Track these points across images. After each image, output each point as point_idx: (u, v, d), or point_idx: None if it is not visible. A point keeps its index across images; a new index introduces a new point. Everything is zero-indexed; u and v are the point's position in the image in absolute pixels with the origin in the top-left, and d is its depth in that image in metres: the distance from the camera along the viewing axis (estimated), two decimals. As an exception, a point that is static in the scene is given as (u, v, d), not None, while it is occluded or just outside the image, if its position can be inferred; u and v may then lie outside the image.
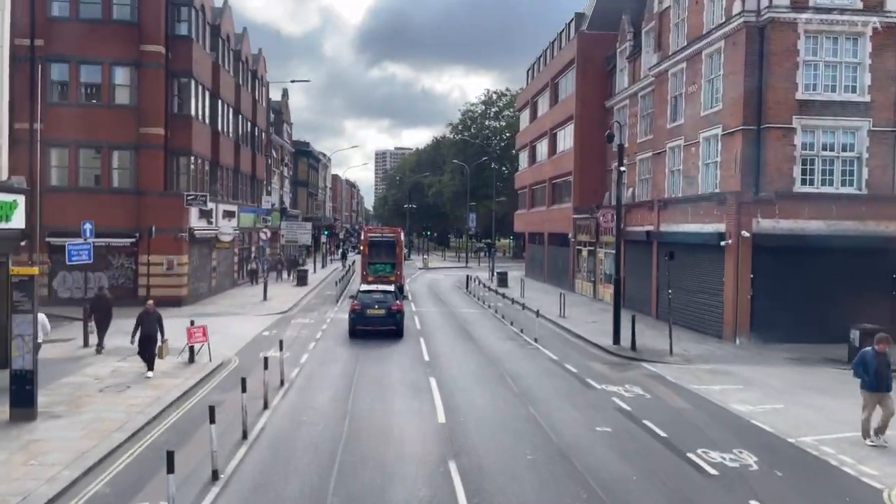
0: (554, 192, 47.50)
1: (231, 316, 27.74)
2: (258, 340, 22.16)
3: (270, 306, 31.32)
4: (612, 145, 37.99)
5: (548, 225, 47.51)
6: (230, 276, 39.34)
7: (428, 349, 20.81)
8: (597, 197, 40.12)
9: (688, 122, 28.60)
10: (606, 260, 35.67)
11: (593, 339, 22.96)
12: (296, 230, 50.32)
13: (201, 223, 32.33)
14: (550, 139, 47.79)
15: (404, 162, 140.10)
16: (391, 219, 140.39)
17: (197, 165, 32.43)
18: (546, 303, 34.53)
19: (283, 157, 62.44)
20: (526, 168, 56.04)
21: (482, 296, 36.88)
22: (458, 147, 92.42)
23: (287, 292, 38.07)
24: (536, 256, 51.85)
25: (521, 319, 26.87)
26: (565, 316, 28.96)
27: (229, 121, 38.50)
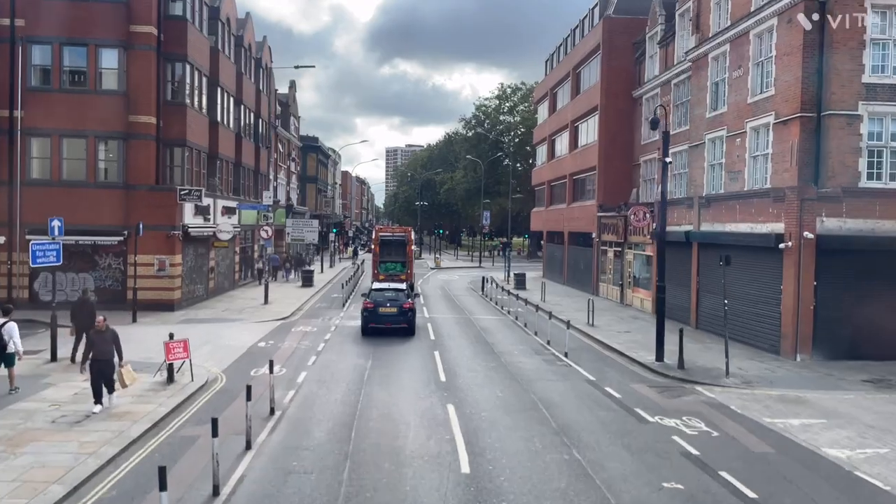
0: (575, 189, 44.70)
1: (226, 322, 25.19)
2: (252, 353, 19.57)
3: (271, 311, 28.76)
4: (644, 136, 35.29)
5: (568, 223, 44.73)
6: (230, 277, 36.84)
7: (444, 366, 18.15)
8: (623, 194, 37.33)
9: (731, 110, 25.76)
10: (636, 262, 32.87)
11: (631, 354, 20.21)
12: (302, 228, 47.79)
13: (197, 220, 29.83)
14: (571, 132, 44.97)
15: (415, 158, 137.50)
16: (402, 217, 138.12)
17: (192, 158, 29.90)
18: (570, 308, 31.83)
19: (291, 152, 59.97)
20: (544, 163, 53.24)
21: (499, 299, 34.20)
22: (470, 143, 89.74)
23: (290, 294, 35.53)
24: (555, 257, 49.07)
25: (546, 328, 24.18)
26: (594, 324, 26.21)
27: (229, 111, 35.98)
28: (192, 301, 29.86)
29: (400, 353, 19.93)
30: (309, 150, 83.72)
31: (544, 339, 22.81)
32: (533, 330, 24.80)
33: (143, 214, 26.95)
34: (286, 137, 57.98)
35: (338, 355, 19.50)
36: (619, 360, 19.88)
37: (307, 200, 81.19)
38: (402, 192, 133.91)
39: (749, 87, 24.49)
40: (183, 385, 15.37)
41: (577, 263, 43.06)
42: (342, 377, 16.68)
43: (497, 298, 34.90)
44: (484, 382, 16.38)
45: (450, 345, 21.58)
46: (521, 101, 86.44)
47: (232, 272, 37.21)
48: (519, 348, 21.26)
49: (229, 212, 34.64)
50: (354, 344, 21.46)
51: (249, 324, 25.23)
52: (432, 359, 19.11)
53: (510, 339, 23.07)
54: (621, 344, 22.02)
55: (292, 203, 54.74)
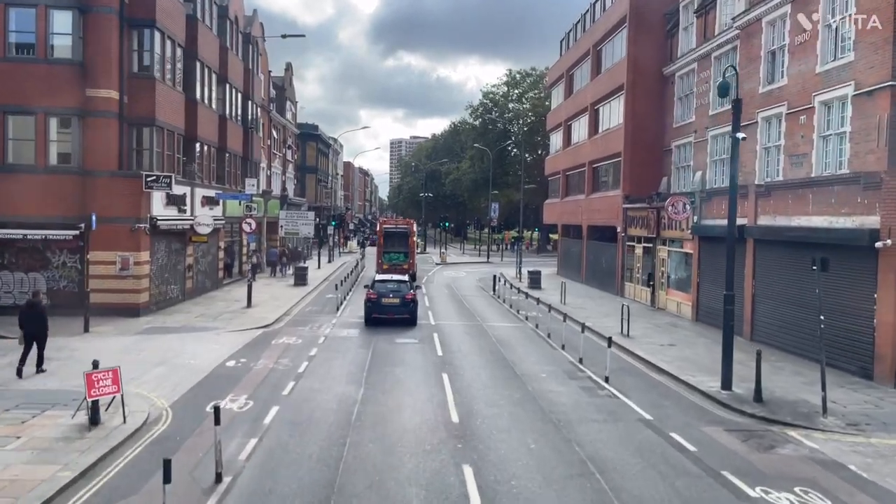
0: (595, 178, 40.69)
1: (196, 332, 21.34)
2: (216, 377, 15.72)
3: (252, 317, 24.93)
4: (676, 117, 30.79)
5: (587, 216, 40.74)
6: (213, 276, 33.01)
7: (456, 397, 14.27)
8: (651, 183, 33.35)
9: (793, 82, 21.76)
10: (671, 260, 28.90)
11: (687, 378, 16.31)
12: (296, 220, 43.90)
13: (170, 211, 25.99)
14: (591, 116, 40.92)
15: (420, 148, 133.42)
16: (406, 209, 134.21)
17: (164, 139, 26.01)
18: (595, 313, 27.93)
19: (287, 139, 56.08)
20: (559, 151, 49.20)
21: (514, 301, 30.32)
22: (478, 132, 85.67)
23: (279, 295, 31.68)
24: (572, 252, 45.10)
25: (574, 340, 20.30)
26: (629, 335, 22.31)
27: (211, 88, 32.06)
28: (163, 304, 26.05)
29: (400, 377, 16.06)
30: (308, 138, 79.81)
31: (575, 355, 18.91)
32: (559, 342, 20.91)
33: (103, 204, 23.16)
34: (281, 123, 54.08)
35: (322, 380, 15.62)
36: (673, 387, 15.96)
37: (306, 192, 77.38)
38: (407, 183, 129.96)
39: (818, 54, 20.49)
40: (109, 430, 11.53)
41: (597, 260, 39.10)
42: (324, 416, 12.80)
43: (511, 300, 31.02)
44: (509, 425, 12.48)
45: (461, 364, 17.69)
46: (531, 87, 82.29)
47: (215, 270, 33.38)
48: (547, 369, 17.35)
49: (210, 202, 30.79)
50: (345, 362, 17.61)
51: (224, 334, 21.37)
52: (440, 386, 15.24)
53: (534, 356, 19.15)
54: (670, 363, 18.11)
55: (287, 193, 50.88)
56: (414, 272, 36.41)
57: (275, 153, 51.40)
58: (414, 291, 25.17)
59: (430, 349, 19.62)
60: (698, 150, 29.60)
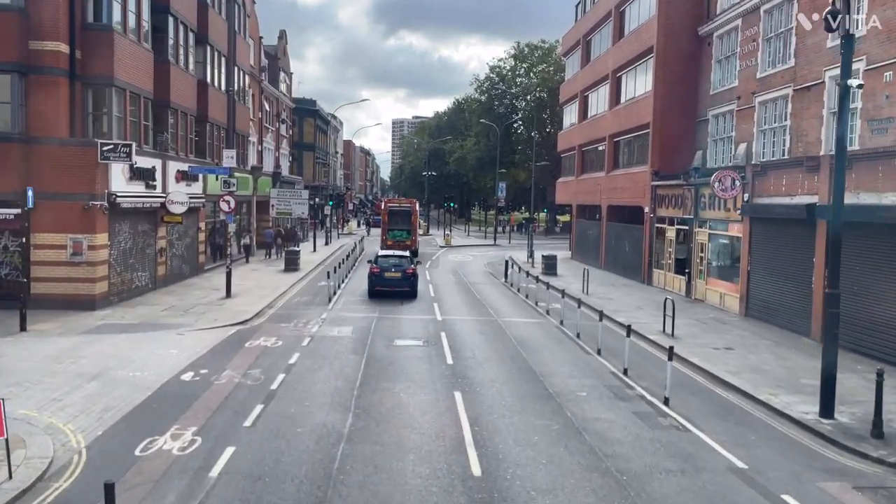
0: (617, 153, 36.93)
1: (156, 332, 17.80)
2: (163, 399, 12.19)
3: (229, 310, 21.40)
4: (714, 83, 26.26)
5: (608, 195, 37.04)
6: (192, 261, 29.45)
7: (474, 432, 10.71)
8: (683, 157, 29.67)
9: (873, 35, 18.01)
10: (713, 245, 25.27)
11: (767, 399, 12.75)
12: (289, 199, 40.28)
13: (135, 187, 22.40)
14: (612, 85, 37.06)
15: (423, 127, 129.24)
16: (408, 189, 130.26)
17: (126, 103, 22.33)
18: (626, 305, 24.41)
19: (280, 113, 52.26)
20: (574, 125, 45.35)
21: (530, 290, 26.79)
22: (483, 107, 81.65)
23: (266, 283, 28.13)
24: (589, 235, 41.45)
25: (611, 343, 16.89)
26: (674, 334, 18.75)
27: (188, 49, 28.27)
28: (128, 294, 22.54)
29: (400, 398, 12.52)
30: (306, 114, 75.82)
31: (615, 362, 15.40)
32: (592, 344, 17.36)
33: (51, 178, 19.65)
34: (274, 95, 50.25)
35: (300, 402, 12.08)
36: (753, 411, 12.39)
37: (303, 170, 73.53)
38: (409, 163, 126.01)
39: (911, -5, 16.75)
40: (-18, 493, 8.04)
41: (619, 244, 35.46)
42: (295, 464, 9.27)
43: (526, 289, 27.48)
44: (552, 481, 8.94)
45: (478, 378, 14.14)
46: (540, 60, 78.16)
47: (195, 254, 29.81)
48: (586, 384, 13.79)
49: (187, 178, 27.17)
50: (331, 373, 14.10)
51: (189, 333, 17.85)
52: (453, 412, 11.70)
53: (566, 365, 15.57)
54: (736, 374, 14.56)
55: (280, 171, 47.14)
56: (416, 248, 38.91)
57: (267, 127, 47.64)
58: (414, 266, 26.49)
59: (437, 354, 16.09)
60: (742, 119, 25.86)
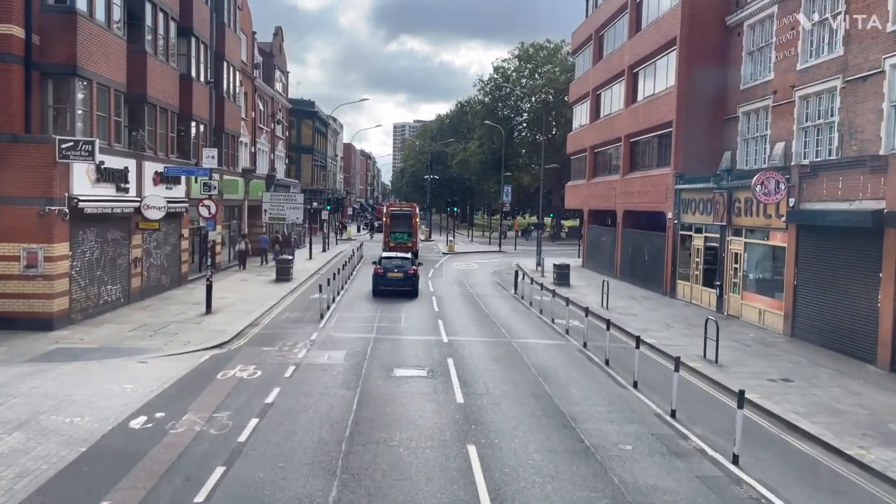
0: (634, 155, 34.42)
1: (114, 359, 15.23)
2: (95, 460, 9.59)
3: (207, 329, 18.85)
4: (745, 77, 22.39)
5: (624, 200, 34.49)
6: (174, 271, 26.93)
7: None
8: (709, 158, 27.24)
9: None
10: (750, 255, 22.69)
11: (859, 455, 10.17)
12: (283, 203, 37.76)
13: (103, 190, 19.92)
14: (629, 82, 34.57)
15: (425, 129, 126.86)
16: (409, 193, 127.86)
17: (94, 96, 19.83)
18: (650, 321, 21.91)
19: (276, 113, 49.80)
20: (585, 126, 42.85)
21: (543, 305, 24.25)
22: (487, 108, 79.22)
23: (253, 295, 25.59)
24: (602, 242, 38.90)
25: (646, 370, 14.36)
26: (717, 361, 16.18)
27: (168, 39, 25.79)
28: (94, 311, 20.01)
29: (401, 455, 9.92)
30: (304, 115, 73.46)
31: (658, 399, 12.86)
32: (626, 374, 14.81)
33: (1, 179, 17.14)
34: (269, 94, 47.80)
35: (271, 464, 9.45)
36: (848, 474, 9.78)
37: (301, 173, 71.24)
38: (410, 166, 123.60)
39: None
40: None
41: (637, 252, 32.90)
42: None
43: (540, 302, 24.95)
44: None
45: (496, 424, 11.51)
46: (545, 61, 75.75)
47: (177, 264, 27.28)
48: (630, 433, 11.18)
49: (167, 180, 24.70)
50: (315, 417, 11.53)
51: (155, 360, 15.30)
52: (468, 480, 9.04)
53: (601, 404, 12.87)
54: (809, 417, 11.97)
55: (275, 174, 44.61)
56: (416, 250, 40.54)
57: (260, 127, 45.18)
58: (416, 267, 28.27)
59: (444, 388, 13.53)
60: (779, 116, 23.38)
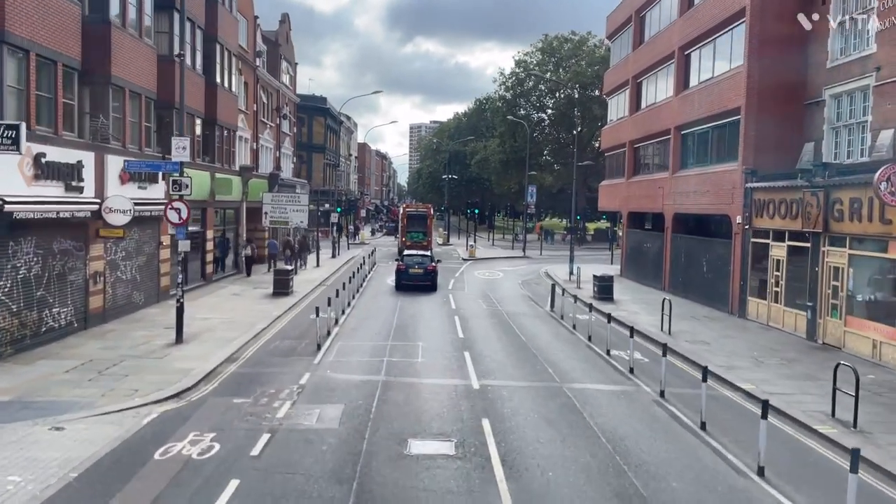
0: (686, 149, 29.86)
1: (20, 420, 11.01)
2: None
3: (169, 367, 14.63)
4: (834, 52, 18.76)
5: (674, 200, 29.93)
6: (151, 286, 22.82)
7: None
8: (788, 151, 22.76)
9: None
10: (859, 270, 18.08)
11: None
12: (285, 205, 33.58)
13: (44, 189, 15.83)
14: (679, 65, 30.01)
15: (443, 128, 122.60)
16: (426, 194, 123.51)
17: (30, 71, 15.72)
18: (729, 352, 17.48)
19: (283, 107, 45.75)
20: (623, 118, 38.30)
21: (588, 327, 19.75)
22: (509, 105, 74.73)
23: (241, 315, 21.37)
24: (645, 249, 34.33)
25: (780, 454, 9.89)
26: (856, 426, 11.68)
27: (143, 12, 21.68)
28: (32, 342, 15.88)
29: None
30: (315, 112, 69.63)
31: (803, 500, 8.44)
32: (743, 452, 10.36)
33: None
34: (274, 87, 43.75)
35: None
36: None
37: (312, 173, 67.31)
38: (427, 167, 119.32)
39: None
40: None
41: (692, 262, 28.32)
42: None
43: (584, 324, 20.52)
44: None
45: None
46: (571, 54, 71.17)
47: (154, 277, 23.17)
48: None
49: (140, 178, 20.63)
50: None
51: (78, 423, 11.07)
52: None
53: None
54: None
55: (278, 172, 40.44)
56: (431, 248, 42.40)
57: (264, 122, 41.13)
58: (435, 264, 30.53)
59: (482, 479, 9.18)
60: (883, 98, 18.80)
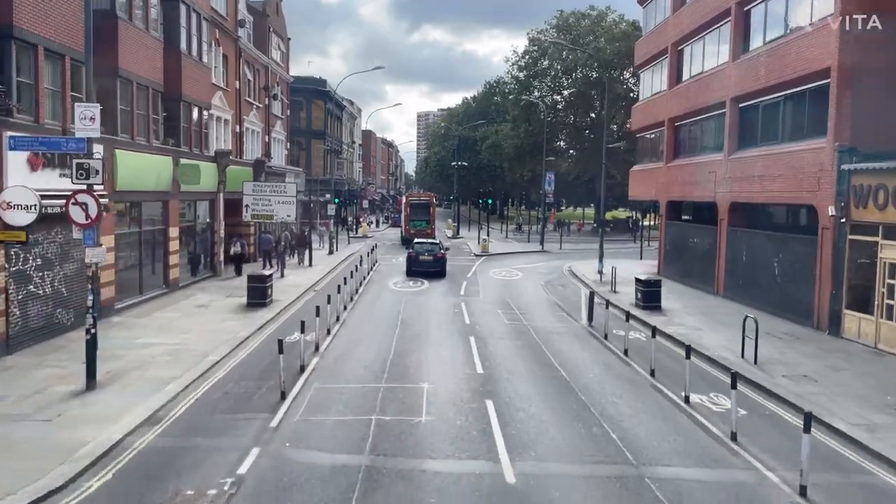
0: (746, 125, 24.78)
1: None
2: None
3: (47, 441, 9.80)
4: None
5: (731, 187, 24.88)
6: (84, 299, 18.01)
7: None
8: (890, 125, 17.65)
9: None
10: None
11: None
12: (269, 196, 28.65)
13: None
14: (737, 24, 24.86)
15: (451, 114, 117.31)
16: (434, 183, 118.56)
17: None
18: (853, 395, 12.51)
19: (272, 86, 40.78)
20: (661, 93, 33.15)
21: (645, 351, 14.82)
22: (522, 86, 69.44)
23: (195, 339, 16.54)
24: (691, 245, 29.27)
25: None
26: None
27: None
28: None
29: None
30: (314, 96, 64.67)
31: None
32: None
33: None
34: (261, 63, 38.80)
35: None
36: None
37: (311, 161, 62.57)
38: (435, 153, 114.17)
39: None
40: None
41: (758, 262, 23.25)
42: None
43: (638, 347, 15.64)
44: None
45: None
46: (589, 31, 65.70)
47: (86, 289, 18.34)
48: None
49: (63, 164, 15.85)
50: None
51: None
52: None
53: None
54: None
55: (265, 159, 35.50)
56: (435, 235, 43.62)
57: (249, 102, 36.25)
58: (443, 251, 31.98)
59: None
60: None
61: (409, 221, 46.08)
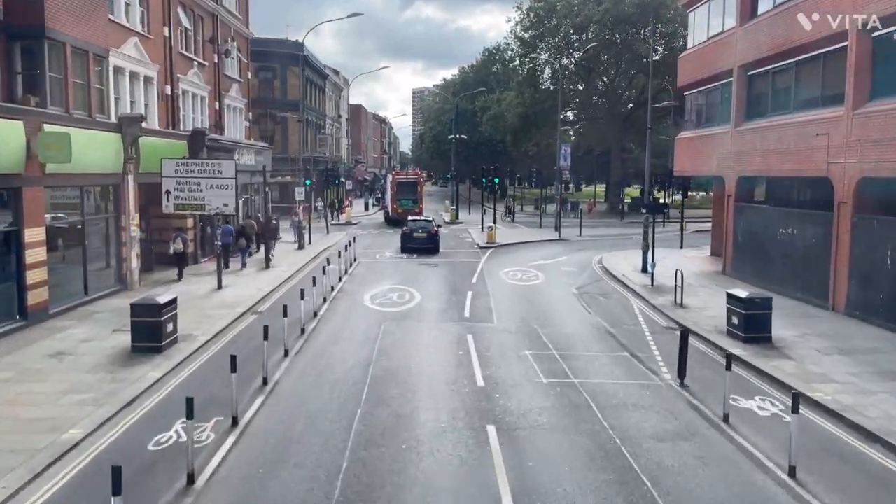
0: (882, 65, 16.78)
1: None
2: None
3: None
4: None
5: (859, 156, 16.96)
6: None
7: None
8: None
9: None
10: None
11: None
12: (199, 179, 20.65)
13: None
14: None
15: (447, 85, 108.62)
16: (430, 161, 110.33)
17: None
18: None
19: (223, 42, 32.51)
20: (726, 32, 25.06)
21: (812, 459, 7.14)
22: (527, 47, 61.05)
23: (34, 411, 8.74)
24: (782, 238, 21.27)
25: None
26: None
27: None
28: None
29: None
30: (290, 61, 56.40)
31: None
32: None
33: None
34: (207, 8, 30.48)
35: None
36: None
37: (288, 136, 54.62)
38: (430, 129, 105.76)
39: None
40: None
41: (883, 260, 15.43)
42: None
43: (784, 442, 7.87)
44: None
45: None
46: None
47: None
48: None
49: None
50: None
51: None
52: None
53: None
54: None
55: (205, 130, 27.10)
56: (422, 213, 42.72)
57: (187, 56, 28.07)
58: (437, 228, 32.08)
59: None
60: None
61: (396, 200, 45.59)
